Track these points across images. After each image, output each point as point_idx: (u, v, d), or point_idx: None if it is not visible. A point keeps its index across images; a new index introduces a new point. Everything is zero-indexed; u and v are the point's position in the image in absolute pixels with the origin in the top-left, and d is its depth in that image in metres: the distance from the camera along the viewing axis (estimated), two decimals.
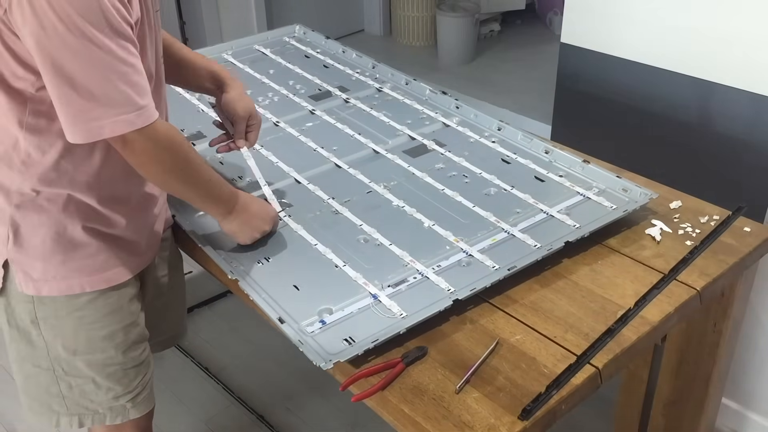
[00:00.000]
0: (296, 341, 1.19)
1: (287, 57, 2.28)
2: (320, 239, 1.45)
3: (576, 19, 1.96)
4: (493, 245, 1.42)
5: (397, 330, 1.20)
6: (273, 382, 2.26)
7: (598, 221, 1.45)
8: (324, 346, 1.19)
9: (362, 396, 1.12)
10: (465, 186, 1.61)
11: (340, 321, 1.25)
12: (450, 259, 1.38)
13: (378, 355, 1.19)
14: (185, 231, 1.48)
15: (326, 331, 1.23)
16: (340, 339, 1.21)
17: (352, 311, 1.27)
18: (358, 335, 1.21)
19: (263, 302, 1.29)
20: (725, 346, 1.57)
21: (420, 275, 1.35)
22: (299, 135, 1.83)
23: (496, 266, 1.35)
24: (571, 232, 1.43)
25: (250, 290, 1.32)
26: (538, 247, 1.39)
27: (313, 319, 1.26)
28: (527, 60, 4.38)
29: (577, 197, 1.55)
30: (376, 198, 1.58)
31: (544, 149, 1.71)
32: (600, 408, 2.00)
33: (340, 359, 1.15)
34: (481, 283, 1.29)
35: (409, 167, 1.68)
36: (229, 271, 1.36)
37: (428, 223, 1.49)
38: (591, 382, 1.15)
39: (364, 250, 1.43)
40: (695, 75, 1.76)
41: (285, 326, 1.23)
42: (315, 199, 1.58)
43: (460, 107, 1.90)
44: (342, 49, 2.29)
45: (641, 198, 1.51)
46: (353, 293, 1.31)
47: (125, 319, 1.35)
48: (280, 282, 1.35)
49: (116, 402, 1.38)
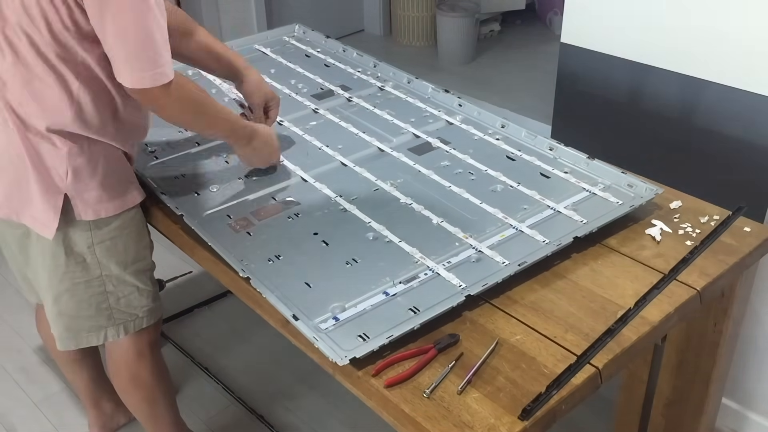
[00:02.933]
0: (311, 338, 1.20)
1: (288, 56, 2.28)
2: (329, 237, 1.46)
3: (576, 19, 1.96)
4: (502, 241, 1.43)
5: (411, 326, 1.21)
6: (273, 382, 2.26)
7: (606, 216, 1.46)
8: (339, 343, 1.20)
9: (395, 380, 1.13)
10: (471, 183, 1.62)
11: (354, 317, 1.25)
12: (460, 256, 1.39)
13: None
14: (184, 230, 1.49)
15: (340, 327, 1.24)
16: (354, 335, 1.21)
17: (365, 308, 1.27)
18: (372, 331, 1.22)
19: (276, 300, 1.29)
20: (725, 346, 1.57)
21: (431, 271, 1.35)
22: (304, 134, 1.83)
23: (506, 262, 1.36)
24: (579, 228, 1.44)
25: (263, 288, 1.31)
26: (547, 242, 1.40)
27: (327, 316, 1.26)
28: (527, 60, 4.38)
29: (583, 193, 1.57)
30: (383, 196, 1.59)
31: (548, 146, 1.72)
32: (600, 408, 2.00)
33: (356, 355, 1.15)
34: (492, 278, 1.30)
35: (414, 165, 1.68)
36: (240, 269, 1.36)
37: (437, 219, 1.49)
38: (591, 382, 1.15)
39: (373, 247, 1.43)
40: (695, 75, 1.76)
41: (299, 323, 1.23)
42: (322, 197, 1.59)
43: (463, 105, 1.91)
44: (342, 48, 2.29)
45: (647, 193, 1.52)
46: (365, 290, 1.31)
47: (146, 228, 1.61)
48: (291, 280, 1.35)
49: (153, 303, 1.63)
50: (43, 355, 2.37)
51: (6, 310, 2.58)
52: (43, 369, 2.32)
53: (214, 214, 1.54)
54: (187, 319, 2.52)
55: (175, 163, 1.73)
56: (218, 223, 1.51)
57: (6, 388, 2.26)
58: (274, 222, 1.52)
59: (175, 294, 2.58)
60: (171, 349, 2.39)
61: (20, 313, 2.55)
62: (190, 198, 1.60)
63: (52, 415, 2.16)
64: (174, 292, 2.56)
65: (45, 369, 2.32)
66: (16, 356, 2.38)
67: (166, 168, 1.71)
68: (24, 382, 2.28)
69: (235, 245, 1.44)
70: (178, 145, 1.79)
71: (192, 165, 1.72)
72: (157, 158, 1.74)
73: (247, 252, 1.43)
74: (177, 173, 1.68)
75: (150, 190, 1.60)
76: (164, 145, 1.79)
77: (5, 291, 2.67)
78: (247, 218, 1.53)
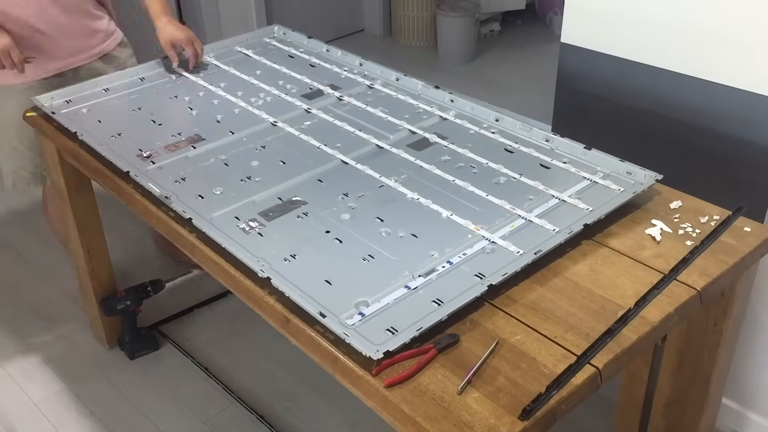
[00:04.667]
0: (341, 334, 1.20)
1: (271, 58, 2.28)
2: (342, 234, 1.46)
3: (576, 19, 1.96)
4: (513, 231, 1.44)
5: (438, 318, 1.22)
6: (273, 382, 2.26)
7: (610, 203, 1.48)
8: (368, 338, 1.20)
9: (395, 380, 1.13)
10: (474, 176, 1.63)
11: (379, 312, 1.26)
12: (474, 247, 1.40)
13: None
14: (192, 231, 1.49)
15: (367, 322, 1.24)
16: (382, 329, 1.22)
17: (389, 302, 1.28)
18: (399, 325, 1.22)
19: (300, 298, 1.28)
20: (725, 346, 1.57)
21: (449, 264, 1.36)
22: (300, 134, 1.83)
23: (520, 251, 1.37)
24: (587, 215, 1.46)
25: (285, 287, 1.31)
26: (558, 231, 1.42)
27: (352, 312, 1.26)
28: (527, 60, 4.38)
29: (584, 182, 1.59)
30: (389, 192, 1.59)
31: (544, 138, 1.74)
32: (600, 408, 2.00)
33: (389, 348, 1.16)
34: (511, 267, 1.32)
35: (416, 160, 1.69)
36: (259, 270, 1.35)
37: (446, 213, 1.50)
38: (591, 382, 1.15)
39: (387, 242, 1.44)
40: (695, 75, 1.76)
41: (327, 320, 1.23)
42: (329, 196, 1.59)
43: (455, 100, 1.92)
44: (326, 47, 2.29)
45: (646, 180, 1.54)
46: (386, 285, 1.32)
47: None
48: (310, 277, 1.35)
49: None
50: (43, 355, 2.37)
51: (6, 310, 2.58)
52: (43, 369, 2.32)
53: (222, 216, 1.54)
54: (187, 319, 2.52)
55: (173, 166, 1.73)
56: (227, 225, 1.51)
57: (6, 388, 2.26)
58: (284, 221, 1.52)
59: (175, 294, 2.58)
60: (171, 349, 2.39)
61: (20, 313, 2.55)
62: (194, 201, 1.59)
63: (52, 415, 2.16)
64: (174, 292, 2.56)
65: (45, 369, 2.32)
66: (16, 356, 2.38)
67: (165, 172, 1.70)
68: (24, 382, 2.28)
69: (250, 246, 1.44)
70: (173, 149, 1.79)
71: (191, 168, 1.72)
72: (153, 163, 1.73)
73: (261, 252, 1.42)
74: (177, 177, 1.68)
75: (151, 194, 1.60)
76: (159, 150, 1.79)
77: (5, 291, 2.67)
78: (255, 219, 1.52)
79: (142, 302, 2.29)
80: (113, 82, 2.12)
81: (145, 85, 2.13)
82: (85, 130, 1.86)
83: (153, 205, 1.60)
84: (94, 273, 2.25)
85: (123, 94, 2.08)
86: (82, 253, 2.20)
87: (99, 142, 1.80)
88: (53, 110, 1.96)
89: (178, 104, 2.02)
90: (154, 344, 2.37)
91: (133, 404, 2.19)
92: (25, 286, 2.69)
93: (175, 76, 2.16)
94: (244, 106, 1.98)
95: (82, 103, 2.02)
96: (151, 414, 2.16)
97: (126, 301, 2.26)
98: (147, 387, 2.25)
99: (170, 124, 1.92)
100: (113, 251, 2.32)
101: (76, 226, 2.16)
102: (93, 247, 2.22)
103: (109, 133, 1.87)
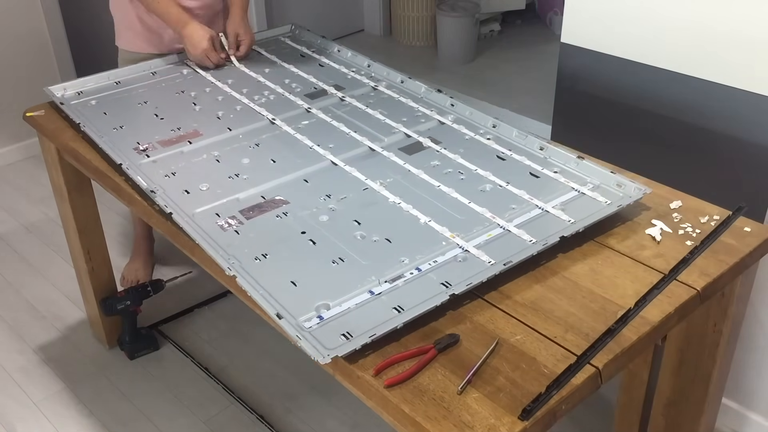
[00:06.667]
0: (294, 336, 1.20)
1: (282, 56, 2.29)
2: (316, 236, 1.46)
3: (576, 19, 1.96)
4: (489, 241, 1.42)
5: (394, 325, 1.20)
6: (273, 382, 2.26)
7: (593, 216, 1.46)
8: (322, 342, 1.19)
9: (395, 380, 1.13)
10: (460, 183, 1.62)
11: (338, 316, 1.25)
12: (446, 255, 1.39)
13: (375, 350, 1.19)
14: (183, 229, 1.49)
15: (324, 326, 1.23)
16: (338, 334, 1.21)
17: (350, 306, 1.27)
18: (355, 330, 1.21)
19: (261, 298, 1.29)
20: (725, 346, 1.57)
21: (417, 270, 1.35)
22: (295, 133, 1.83)
23: (492, 261, 1.35)
24: (566, 227, 1.43)
25: (248, 287, 1.32)
26: (534, 242, 1.40)
27: (311, 315, 1.26)
28: (527, 60, 4.38)
29: (572, 193, 1.57)
30: (372, 195, 1.59)
31: (539, 146, 1.72)
32: (600, 408, 2.01)
33: (338, 354, 1.15)
34: (477, 278, 1.30)
35: (404, 164, 1.68)
36: (226, 268, 1.36)
37: (424, 219, 1.49)
38: (591, 382, 1.15)
39: (360, 246, 1.43)
40: (695, 75, 1.76)
41: (283, 322, 1.23)
42: (312, 197, 1.59)
43: (455, 105, 1.92)
44: (337, 48, 2.30)
45: (635, 193, 1.52)
46: (351, 289, 1.31)
47: None
48: (277, 278, 1.35)
49: None
50: (43, 355, 2.37)
51: (6, 310, 2.58)
52: (43, 369, 2.32)
53: (204, 213, 1.54)
54: (187, 319, 2.52)
55: (166, 161, 1.73)
56: (207, 221, 1.51)
57: (6, 388, 2.26)
58: (263, 220, 1.52)
59: (175, 294, 2.58)
60: (171, 349, 2.39)
61: (20, 313, 2.55)
62: (180, 196, 1.60)
63: (52, 415, 2.16)
64: (174, 292, 2.56)
65: (45, 369, 2.32)
66: (16, 356, 2.38)
67: (157, 166, 1.71)
68: (24, 382, 2.28)
69: (223, 243, 1.44)
70: (169, 143, 1.80)
71: (183, 163, 1.73)
72: (148, 156, 1.74)
73: (234, 250, 1.42)
74: (168, 171, 1.69)
75: (141, 189, 1.62)
76: (156, 144, 1.80)
77: (5, 291, 2.67)
78: (235, 216, 1.53)
79: (142, 302, 2.30)
80: (126, 75, 2.16)
81: (156, 79, 2.16)
82: (89, 121, 1.88)
83: (145, 201, 1.61)
84: (94, 273, 2.25)
85: (132, 88, 2.10)
86: (82, 253, 2.21)
87: (100, 134, 1.82)
88: (62, 101, 1.98)
89: (183, 99, 2.03)
90: (154, 344, 2.37)
91: (133, 404, 2.19)
92: (25, 286, 2.69)
93: (186, 71, 2.18)
94: (247, 103, 1.99)
95: (92, 95, 2.05)
96: (151, 414, 2.16)
97: (126, 301, 2.27)
98: (147, 387, 2.25)
99: (172, 118, 1.93)
100: (113, 251, 2.32)
101: (76, 226, 2.16)
102: (93, 247, 2.23)
103: (112, 126, 1.88)
